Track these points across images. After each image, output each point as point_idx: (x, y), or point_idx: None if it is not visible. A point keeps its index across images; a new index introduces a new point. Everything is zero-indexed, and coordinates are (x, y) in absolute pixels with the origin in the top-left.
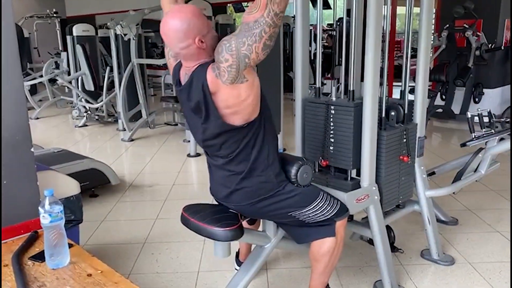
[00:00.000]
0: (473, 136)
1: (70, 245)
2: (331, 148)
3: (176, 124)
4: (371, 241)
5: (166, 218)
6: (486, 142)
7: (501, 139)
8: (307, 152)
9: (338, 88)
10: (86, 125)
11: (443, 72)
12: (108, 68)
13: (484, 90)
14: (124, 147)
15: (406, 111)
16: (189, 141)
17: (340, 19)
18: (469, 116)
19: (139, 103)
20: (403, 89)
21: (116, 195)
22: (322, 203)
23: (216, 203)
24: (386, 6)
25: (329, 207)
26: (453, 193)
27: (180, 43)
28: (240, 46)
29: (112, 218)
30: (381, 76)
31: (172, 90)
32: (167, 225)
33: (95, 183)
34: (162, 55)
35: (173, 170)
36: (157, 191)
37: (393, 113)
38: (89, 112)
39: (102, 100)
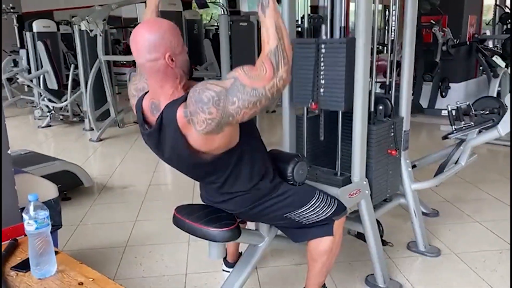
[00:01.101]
0: (454, 129)
1: (56, 252)
2: (322, 90)
3: None
4: (358, 235)
5: (145, 219)
6: (466, 134)
7: (480, 131)
8: (295, 97)
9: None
10: (50, 126)
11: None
12: (72, 65)
13: (450, 84)
14: (93, 148)
15: (393, 105)
16: None
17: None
18: (449, 109)
19: (106, 101)
20: (388, 83)
21: (90, 198)
22: (319, 203)
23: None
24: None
25: (326, 206)
26: (436, 185)
27: (148, 54)
28: (228, 103)
29: (88, 221)
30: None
31: None
32: (147, 227)
33: (67, 185)
34: (125, 52)
35: (148, 170)
36: (133, 192)
37: (381, 107)
38: (52, 111)
39: (66, 99)
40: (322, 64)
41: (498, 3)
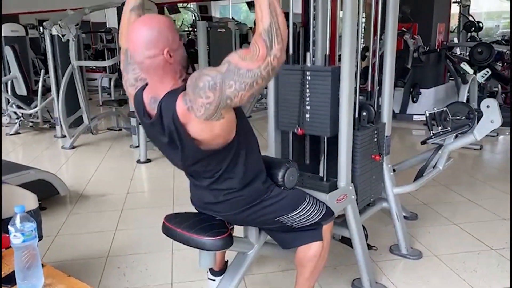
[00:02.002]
0: (432, 134)
1: (42, 265)
2: (308, 116)
3: (120, 129)
4: (343, 240)
5: (126, 228)
6: (444, 139)
7: (456, 136)
8: (281, 122)
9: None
10: (19, 133)
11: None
12: (42, 71)
13: (421, 90)
14: (65, 155)
15: (377, 111)
16: (136, 147)
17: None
18: (427, 114)
19: (79, 108)
20: (370, 89)
21: (67, 207)
22: (309, 207)
23: (196, 211)
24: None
25: (316, 211)
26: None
27: (146, 51)
28: (225, 87)
29: (66, 232)
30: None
31: (109, 94)
32: (129, 236)
33: (43, 195)
34: (95, 57)
35: (125, 178)
36: (111, 200)
37: (364, 113)
38: (22, 118)
39: (36, 106)
40: (307, 90)
41: (461, 12)
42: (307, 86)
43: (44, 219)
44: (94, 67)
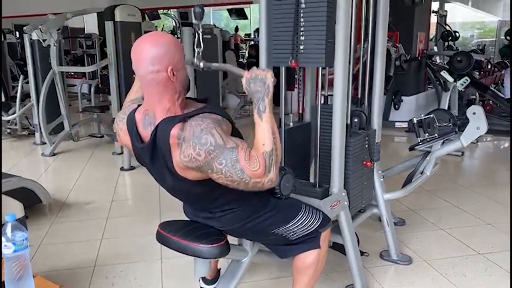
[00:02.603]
0: (419, 140)
1: (33, 276)
2: (302, 47)
3: (102, 136)
4: (334, 247)
5: (113, 237)
6: (431, 145)
7: (443, 142)
8: (274, 56)
9: None
10: None
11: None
12: (21, 76)
13: (403, 98)
14: (46, 163)
15: (368, 118)
16: (119, 154)
17: (258, 29)
18: (415, 121)
19: (59, 114)
20: (360, 96)
21: (50, 216)
22: (306, 216)
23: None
24: None
25: (312, 219)
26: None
27: (151, 66)
28: (215, 160)
29: (50, 241)
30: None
31: (88, 100)
32: (116, 245)
33: (25, 203)
34: (73, 63)
35: (109, 185)
36: (96, 208)
37: (356, 120)
38: None
39: (15, 112)
40: (301, 19)
41: (438, 21)
42: (301, 15)
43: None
44: (73, 73)
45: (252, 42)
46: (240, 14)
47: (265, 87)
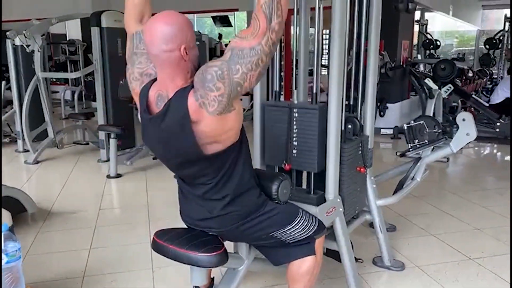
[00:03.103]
0: (409, 147)
1: None
2: (295, 151)
3: (87, 143)
4: (327, 253)
5: (102, 247)
6: (421, 152)
7: (433, 148)
8: (267, 157)
9: None
10: None
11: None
12: (3, 82)
13: (388, 105)
14: (29, 171)
15: (361, 124)
16: (105, 161)
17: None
18: (406, 127)
19: (43, 121)
20: (352, 103)
21: (36, 225)
22: (303, 221)
23: (186, 227)
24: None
25: (309, 225)
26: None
27: (164, 45)
28: (233, 73)
29: (36, 251)
30: None
31: (71, 107)
32: (105, 254)
33: (11, 212)
34: (56, 69)
35: (95, 194)
36: (83, 217)
37: (350, 126)
38: None
39: None
40: (295, 127)
41: (420, 30)
42: (294, 122)
43: None
44: (54, 79)
45: None
46: (224, 21)
47: None
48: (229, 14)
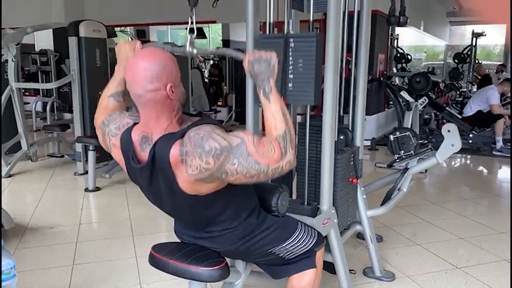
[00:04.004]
0: (396, 158)
1: None
2: (290, 85)
3: (62, 156)
4: None
5: (85, 262)
6: (408, 162)
7: (419, 159)
8: None
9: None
10: None
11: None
12: None
13: (365, 116)
14: (2, 185)
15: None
16: (82, 174)
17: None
18: (392, 139)
19: (16, 133)
20: (341, 114)
21: (13, 241)
22: (302, 234)
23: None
24: None
25: (309, 237)
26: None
27: (149, 84)
28: (228, 162)
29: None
30: None
31: (42, 119)
32: (89, 270)
33: None
34: (25, 79)
35: (74, 208)
36: (63, 232)
37: (342, 137)
38: None
39: None
40: (290, 58)
41: (392, 44)
42: (290, 53)
43: None
44: (23, 90)
45: (212, 62)
46: (199, 33)
47: (270, 68)
48: (204, 26)
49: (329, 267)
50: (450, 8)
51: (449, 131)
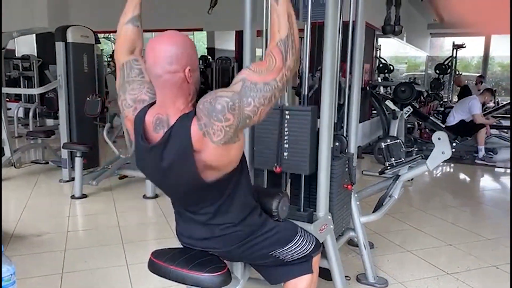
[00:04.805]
0: (387, 165)
1: None
2: (285, 154)
3: (47, 162)
4: None
5: (74, 271)
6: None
7: (409, 167)
8: (257, 161)
9: None
10: None
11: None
12: None
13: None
14: None
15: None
16: (67, 181)
17: (203, 56)
18: (383, 146)
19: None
20: (336, 121)
21: None
22: (302, 239)
23: (182, 247)
24: None
25: (307, 243)
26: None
27: (168, 66)
28: (244, 106)
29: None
30: None
31: (24, 125)
32: (79, 279)
33: None
34: (9, 84)
35: (61, 215)
36: (50, 240)
37: (337, 144)
38: None
39: None
40: (286, 129)
41: (375, 55)
42: (286, 124)
43: None
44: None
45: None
46: None
47: None
48: (189, 34)
49: (323, 274)
50: (431, 20)
51: (439, 138)
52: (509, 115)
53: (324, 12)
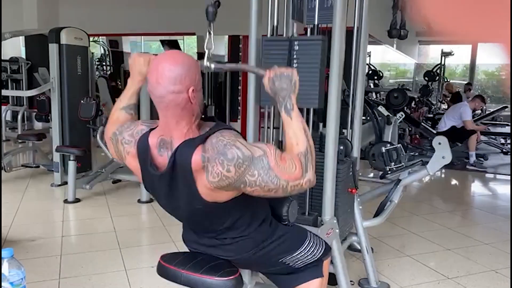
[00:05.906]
0: (388, 170)
1: None
2: None
3: (38, 166)
4: None
5: (72, 276)
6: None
7: (409, 171)
8: (263, 98)
9: None
10: None
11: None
12: None
13: (343, 130)
14: None
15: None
16: (59, 185)
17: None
18: (384, 150)
19: None
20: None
21: None
22: (311, 244)
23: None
24: None
25: (317, 247)
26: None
27: (172, 86)
28: (248, 172)
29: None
30: None
31: (14, 129)
32: (77, 285)
33: None
34: None
35: (55, 220)
36: (45, 245)
37: (341, 147)
38: None
39: None
40: (295, 61)
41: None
42: (294, 56)
43: None
44: None
45: None
46: (173, 45)
47: (291, 84)
48: (179, 38)
49: (329, 278)
50: (420, 27)
51: (439, 143)
52: (497, 122)
53: (328, 16)
